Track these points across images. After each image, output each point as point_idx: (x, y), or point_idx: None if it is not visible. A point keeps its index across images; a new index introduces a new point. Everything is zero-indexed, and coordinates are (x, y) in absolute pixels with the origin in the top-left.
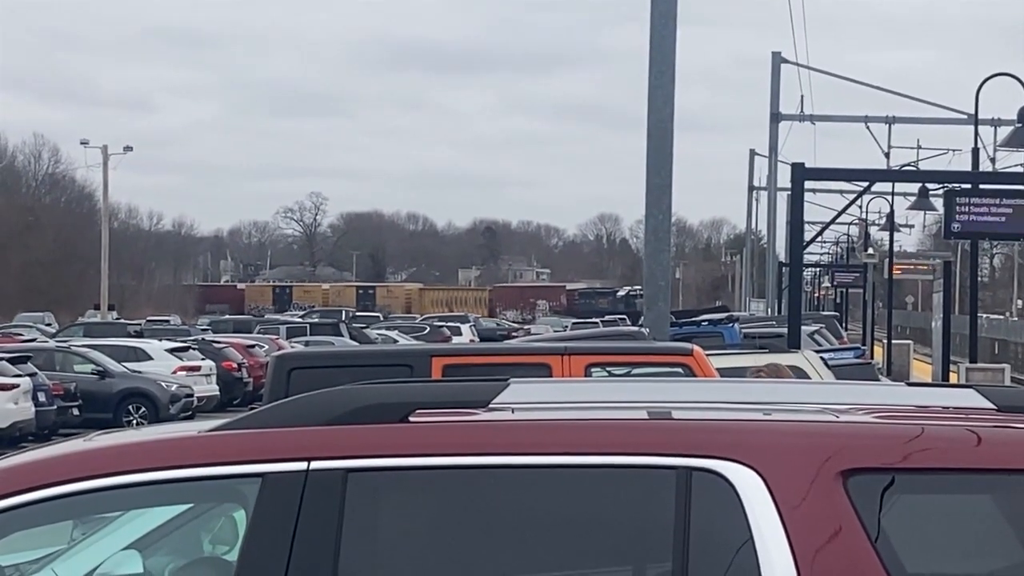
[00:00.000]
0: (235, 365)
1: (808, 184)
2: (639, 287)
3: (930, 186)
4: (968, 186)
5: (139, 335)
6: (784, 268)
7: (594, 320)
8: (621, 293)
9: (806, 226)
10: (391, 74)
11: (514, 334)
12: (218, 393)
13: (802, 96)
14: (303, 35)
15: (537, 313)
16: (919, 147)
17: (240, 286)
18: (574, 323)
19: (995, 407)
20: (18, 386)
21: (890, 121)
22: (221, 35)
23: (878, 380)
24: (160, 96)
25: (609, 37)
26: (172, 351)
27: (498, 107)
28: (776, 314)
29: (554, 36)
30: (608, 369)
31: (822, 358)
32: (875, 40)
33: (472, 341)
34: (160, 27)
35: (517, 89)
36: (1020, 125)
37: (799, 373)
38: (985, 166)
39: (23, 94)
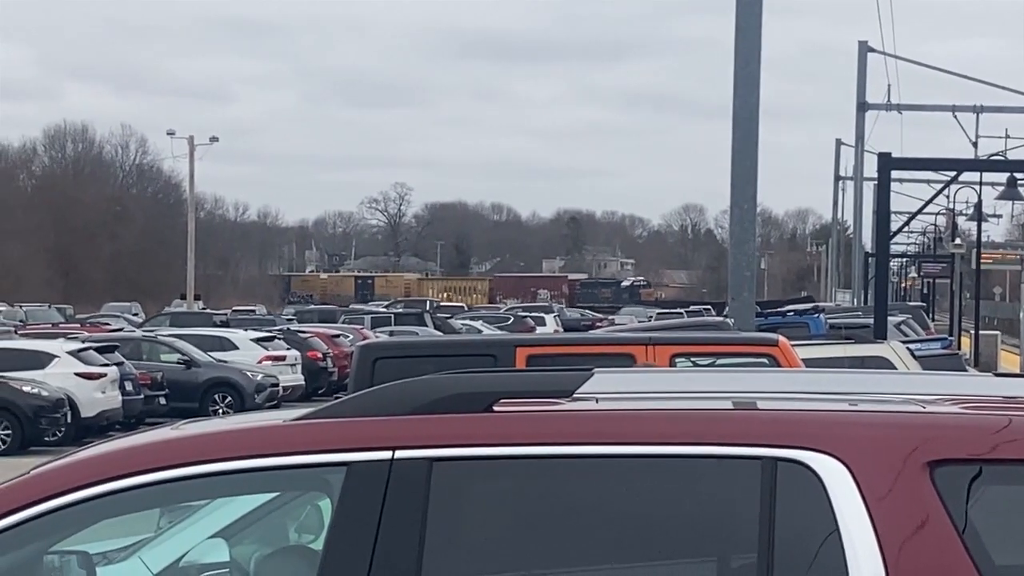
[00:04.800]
0: (320, 355)
1: (895, 174)
2: (642, 278)
3: (1018, 176)
4: None
5: (225, 325)
6: (870, 258)
7: (679, 310)
8: (625, 284)
9: (893, 216)
10: (459, 64)
11: (598, 324)
12: (303, 383)
13: (889, 85)
14: (368, 26)
15: (539, 302)
16: (1007, 136)
17: None
18: (659, 313)
19: None
20: (105, 375)
21: (978, 110)
22: (288, 25)
23: (965, 371)
24: (236, 86)
25: (677, 26)
26: (258, 341)
27: (570, 97)
28: (862, 305)
29: (621, 25)
30: (693, 359)
31: (909, 349)
32: (959, 28)
33: (556, 331)
34: (225, 17)
35: (587, 78)
36: None
37: (885, 364)
38: None
39: (100, 85)
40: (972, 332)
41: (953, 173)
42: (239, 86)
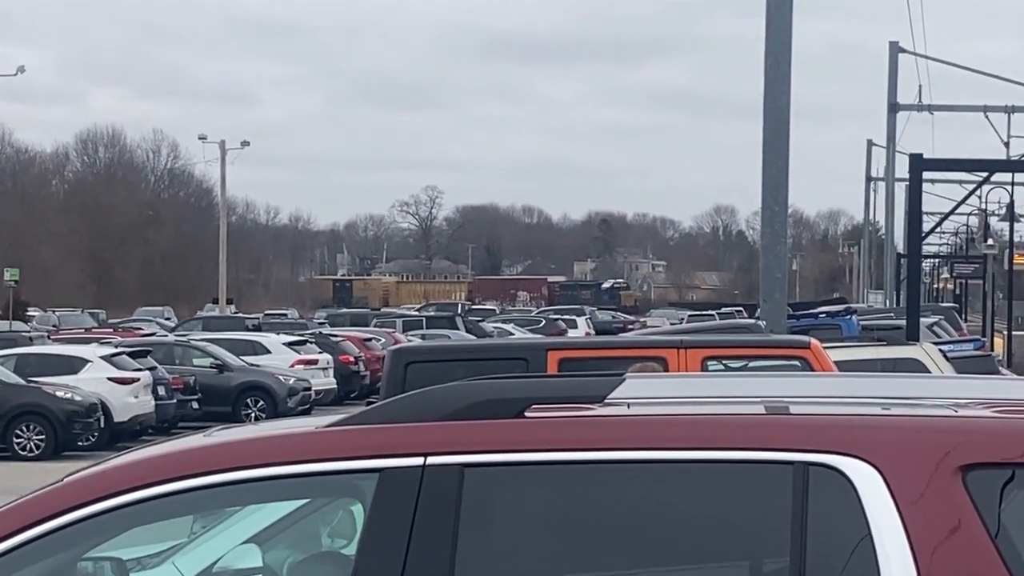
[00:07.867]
0: (352, 359)
1: (926, 175)
2: (622, 280)
3: None
4: None
5: (257, 329)
6: (902, 259)
7: (710, 312)
8: (606, 285)
9: (925, 217)
10: (485, 65)
11: (630, 327)
12: (335, 386)
13: (920, 86)
14: (393, 28)
15: (518, 304)
16: None
17: None
18: (690, 315)
19: None
20: (138, 380)
21: (1009, 110)
22: (313, 28)
23: (998, 372)
24: (263, 89)
25: (703, 24)
26: (290, 345)
27: (595, 97)
28: (894, 306)
29: (646, 24)
30: (724, 363)
31: (941, 350)
32: (990, 27)
33: (588, 334)
34: (250, 20)
35: (612, 79)
36: None
37: (918, 366)
38: None
39: (126, 89)
40: (1005, 333)
41: (985, 174)
42: (266, 89)
